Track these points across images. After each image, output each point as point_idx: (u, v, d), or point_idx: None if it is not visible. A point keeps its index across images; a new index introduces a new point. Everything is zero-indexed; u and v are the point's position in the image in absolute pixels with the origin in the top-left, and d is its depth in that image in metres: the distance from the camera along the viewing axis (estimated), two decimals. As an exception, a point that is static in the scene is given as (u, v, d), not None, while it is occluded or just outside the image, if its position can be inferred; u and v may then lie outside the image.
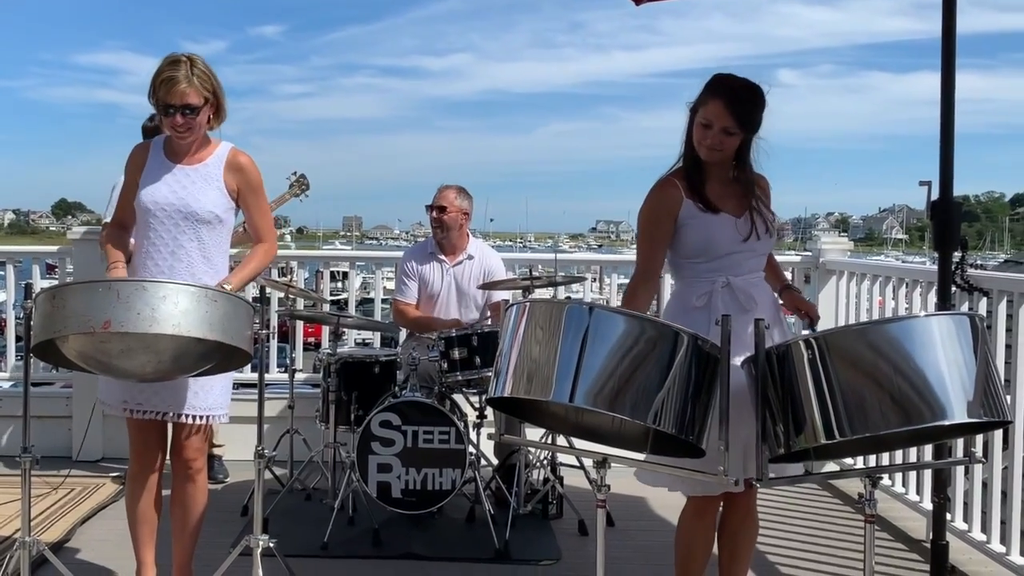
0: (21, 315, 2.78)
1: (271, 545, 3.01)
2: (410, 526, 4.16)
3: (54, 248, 5.78)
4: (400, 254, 5.29)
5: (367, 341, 8.68)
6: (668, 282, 5.58)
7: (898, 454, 4.14)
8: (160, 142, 3.19)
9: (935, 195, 3.30)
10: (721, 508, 2.99)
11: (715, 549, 3.02)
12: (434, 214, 4.80)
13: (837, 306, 5.21)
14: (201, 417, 3.15)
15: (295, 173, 5.23)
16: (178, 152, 3.15)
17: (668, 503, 3.66)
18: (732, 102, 2.73)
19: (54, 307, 2.63)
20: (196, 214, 3.10)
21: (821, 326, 2.90)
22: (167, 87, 3.02)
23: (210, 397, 3.15)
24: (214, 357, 2.84)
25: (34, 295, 2.72)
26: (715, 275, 2.82)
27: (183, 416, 3.12)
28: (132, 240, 3.24)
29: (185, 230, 3.10)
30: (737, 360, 2.49)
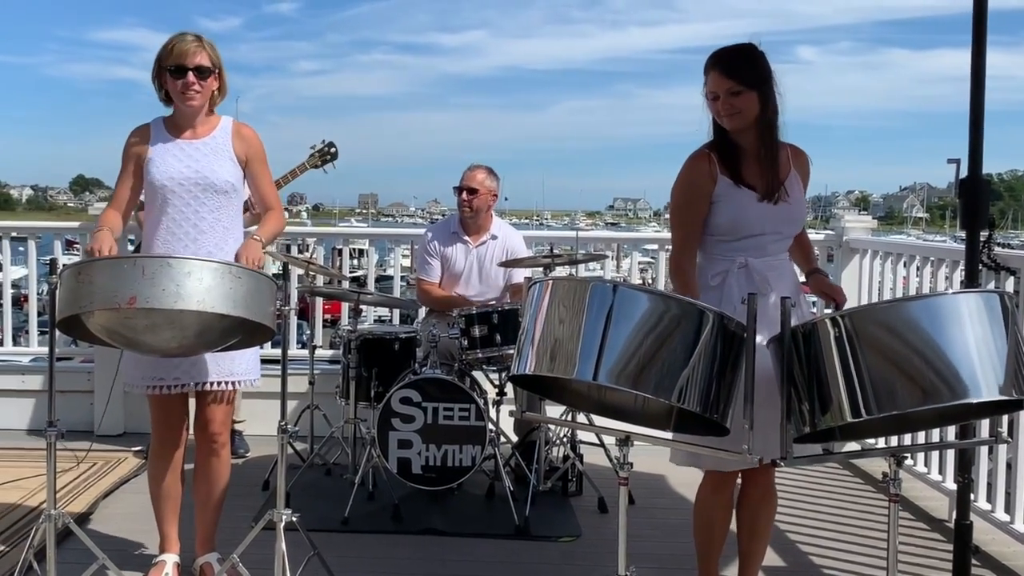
0: (45, 290, 2.78)
1: (294, 519, 3.03)
2: (430, 502, 4.17)
3: (75, 224, 5.79)
4: (415, 231, 5.26)
5: (383, 318, 8.69)
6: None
7: (921, 434, 4.12)
8: (160, 122, 3.19)
9: (963, 173, 3.25)
10: (740, 485, 2.99)
11: (733, 527, 3.02)
12: (464, 196, 4.72)
13: (860, 285, 5.17)
14: (227, 383, 3.17)
15: (323, 141, 4.99)
16: (183, 127, 3.16)
17: (688, 481, 3.65)
18: (724, 66, 2.78)
19: (80, 283, 2.64)
20: (214, 185, 3.12)
21: (846, 305, 2.88)
22: (180, 48, 3.06)
23: (235, 363, 3.17)
24: (237, 333, 2.86)
25: (59, 270, 2.73)
26: (736, 254, 2.81)
27: (207, 384, 3.14)
28: (143, 218, 3.25)
29: (205, 202, 3.11)
30: (760, 339, 2.48)
